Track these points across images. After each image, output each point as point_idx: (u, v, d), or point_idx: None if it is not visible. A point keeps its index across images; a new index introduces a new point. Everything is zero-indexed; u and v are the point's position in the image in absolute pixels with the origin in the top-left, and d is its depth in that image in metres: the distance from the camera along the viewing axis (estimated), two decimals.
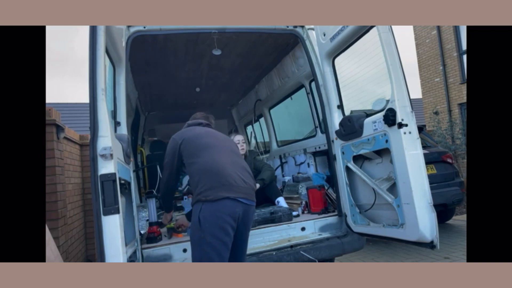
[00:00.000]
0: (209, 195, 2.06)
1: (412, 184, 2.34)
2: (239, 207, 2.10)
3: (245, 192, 2.14)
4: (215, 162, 2.17)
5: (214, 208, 2.03)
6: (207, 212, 2.04)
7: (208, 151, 2.23)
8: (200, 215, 2.06)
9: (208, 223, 2.02)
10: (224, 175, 2.11)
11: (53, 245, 2.91)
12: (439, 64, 11.36)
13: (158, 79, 4.70)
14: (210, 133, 2.45)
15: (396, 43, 2.46)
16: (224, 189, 2.07)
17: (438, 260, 4.50)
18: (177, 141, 2.37)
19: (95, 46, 1.94)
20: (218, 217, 2.02)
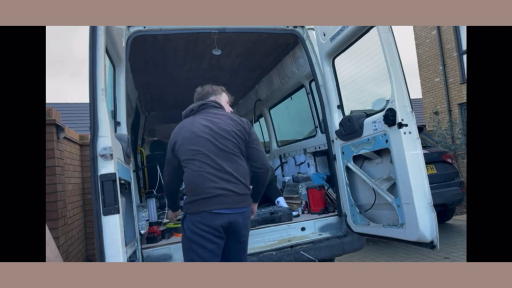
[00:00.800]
0: (189, 208, 2.11)
1: (412, 184, 2.34)
2: (219, 219, 2.07)
3: (227, 202, 2.09)
4: (197, 174, 2.12)
5: (194, 220, 2.07)
6: (189, 222, 2.09)
7: (192, 162, 2.15)
8: (184, 224, 2.13)
9: (190, 232, 2.07)
10: (204, 189, 2.08)
11: (53, 245, 2.91)
12: (439, 64, 11.36)
13: (158, 79, 4.70)
14: (200, 131, 2.20)
15: (396, 43, 2.46)
16: (203, 203, 2.06)
17: (438, 260, 4.50)
18: (171, 143, 2.30)
19: (95, 46, 1.94)
20: (199, 228, 2.05)
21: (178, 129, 2.30)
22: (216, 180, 2.08)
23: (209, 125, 2.21)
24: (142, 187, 4.61)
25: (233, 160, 2.16)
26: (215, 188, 2.07)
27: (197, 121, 2.25)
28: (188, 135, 2.20)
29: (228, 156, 2.16)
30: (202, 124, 2.22)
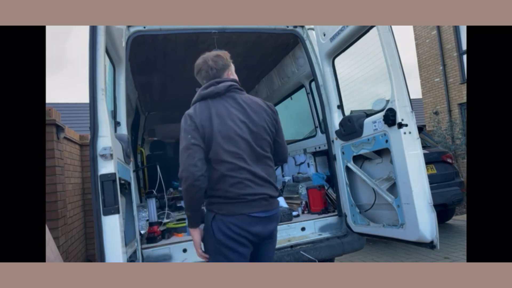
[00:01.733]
0: (222, 209, 1.85)
1: (412, 184, 2.34)
2: (258, 223, 1.89)
3: (264, 205, 1.91)
4: (233, 181, 1.86)
5: (229, 221, 1.84)
6: (221, 223, 1.85)
7: (226, 165, 1.87)
8: (214, 225, 1.86)
9: (222, 234, 1.84)
10: (240, 195, 1.85)
11: (53, 245, 2.91)
12: (439, 64, 11.36)
13: (158, 79, 4.70)
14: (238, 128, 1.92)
15: (396, 43, 2.46)
16: (240, 206, 1.85)
17: (438, 260, 4.50)
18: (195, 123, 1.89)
19: (95, 46, 1.94)
20: (233, 231, 1.83)
21: (205, 110, 1.92)
22: (252, 186, 1.88)
23: (245, 120, 1.94)
24: (142, 187, 4.61)
25: (265, 163, 1.99)
26: (252, 194, 1.88)
27: (232, 112, 1.94)
28: (224, 130, 1.88)
29: (262, 160, 1.97)
30: (239, 118, 1.93)
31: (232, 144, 1.88)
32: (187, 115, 1.93)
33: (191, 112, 1.94)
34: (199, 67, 2.06)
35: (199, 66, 2.06)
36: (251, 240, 1.89)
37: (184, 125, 1.90)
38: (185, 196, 1.83)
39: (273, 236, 2.04)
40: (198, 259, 2.70)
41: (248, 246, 1.90)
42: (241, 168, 1.87)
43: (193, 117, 1.90)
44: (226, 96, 1.98)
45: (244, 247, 1.87)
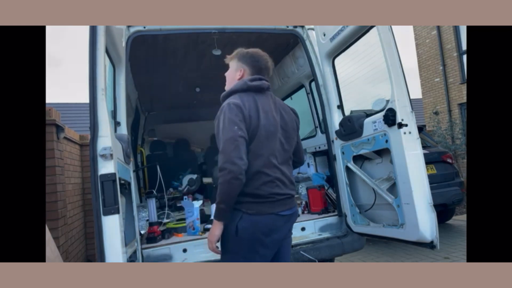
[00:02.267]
0: (251, 208, 1.80)
1: (412, 184, 2.34)
2: (286, 222, 1.89)
3: (289, 203, 1.91)
4: (265, 180, 1.83)
5: (258, 221, 1.79)
6: (248, 223, 1.79)
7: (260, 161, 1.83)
8: (240, 224, 1.79)
9: (249, 234, 1.78)
10: (269, 194, 1.82)
11: (53, 245, 2.91)
12: (439, 64, 11.36)
13: (158, 79, 4.70)
14: (277, 126, 1.92)
15: (396, 43, 2.46)
16: (269, 205, 1.82)
17: (438, 260, 4.50)
18: (243, 113, 1.82)
19: (95, 46, 1.94)
20: (262, 232, 1.80)
21: (252, 102, 1.88)
22: (281, 186, 1.88)
23: (280, 120, 1.96)
24: (142, 187, 4.61)
25: (289, 164, 2.02)
26: (281, 194, 1.88)
27: (272, 109, 1.94)
28: (267, 125, 1.87)
29: (288, 160, 2.00)
30: (276, 117, 1.94)
31: (271, 141, 1.88)
32: (232, 104, 1.83)
33: (237, 102, 1.84)
34: (260, 58, 2.02)
35: (261, 58, 2.02)
36: (276, 240, 1.86)
37: (229, 114, 1.80)
38: (226, 189, 1.72)
39: (290, 234, 2.07)
40: (198, 259, 2.72)
41: (271, 248, 1.87)
42: (274, 167, 1.87)
43: (241, 107, 1.83)
44: (266, 94, 1.99)
45: (266, 248, 1.84)
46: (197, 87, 5.22)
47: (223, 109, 1.85)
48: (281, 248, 1.97)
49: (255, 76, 1.98)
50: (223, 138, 1.78)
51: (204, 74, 4.61)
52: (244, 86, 1.94)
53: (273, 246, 1.89)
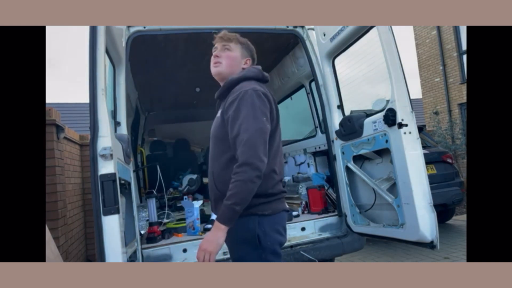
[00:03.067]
0: (266, 209, 1.65)
1: (412, 184, 2.34)
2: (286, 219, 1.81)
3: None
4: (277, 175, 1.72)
5: (274, 221, 1.67)
6: (267, 226, 1.64)
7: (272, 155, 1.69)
8: (260, 230, 1.63)
9: (270, 238, 1.64)
10: (276, 190, 1.71)
11: (53, 245, 2.91)
12: (439, 64, 11.36)
13: (158, 79, 4.70)
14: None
15: (396, 43, 2.46)
16: (278, 202, 1.71)
17: (438, 260, 4.50)
18: (268, 107, 1.65)
19: (95, 46, 1.94)
20: (279, 232, 1.69)
21: (273, 98, 1.76)
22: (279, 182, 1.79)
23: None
24: (142, 187, 4.62)
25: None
26: (284, 192, 1.80)
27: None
28: (278, 119, 1.77)
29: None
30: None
31: (279, 134, 1.78)
32: (260, 92, 1.63)
33: (263, 91, 1.66)
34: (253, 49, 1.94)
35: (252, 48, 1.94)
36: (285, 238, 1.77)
37: (257, 102, 1.60)
38: (248, 187, 1.50)
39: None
40: None
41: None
42: (282, 165, 1.80)
43: (269, 97, 1.66)
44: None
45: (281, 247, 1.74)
46: (197, 87, 5.22)
47: (248, 94, 1.61)
48: None
49: (259, 67, 1.88)
50: (249, 127, 1.54)
51: (204, 74, 4.59)
52: (260, 75, 1.81)
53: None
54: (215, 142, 1.78)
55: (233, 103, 1.63)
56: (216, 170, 1.75)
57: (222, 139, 1.71)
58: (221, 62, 1.83)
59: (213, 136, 1.80)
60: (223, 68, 1.83)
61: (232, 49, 1.85)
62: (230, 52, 1.85)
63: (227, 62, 1.83)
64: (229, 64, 1.83)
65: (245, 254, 1.67)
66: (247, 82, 1.72)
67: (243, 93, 1.62)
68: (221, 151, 1.71)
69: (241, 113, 1.58)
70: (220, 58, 1.84)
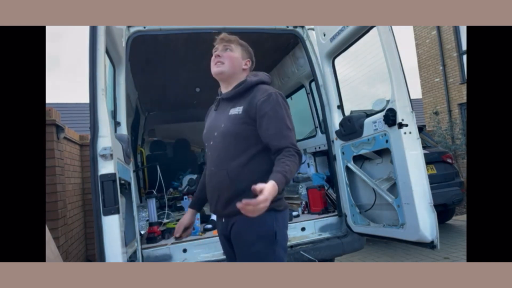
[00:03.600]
0: (281, 205, 1.76)
1: (413, 184, 2.34)
2: None
3: None
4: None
5: (286, 217, 1.81)
6: (281, 222, 1.74)
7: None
8: (275, 225, 1.71)
9: (283, 234, 1.76)
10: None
11: (53, 245, 2.91)
12: (439, 64, 11.36)
13: (158, 79, 4.70)
14: None
15: (396, 43, 2.46)
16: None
17: (438, 260, 4.50)
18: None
19: (95, 46, 1.94)
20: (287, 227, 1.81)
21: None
22: None
23: None
24: (142, 187, 4.62)
25: None
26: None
27: None
28: None
29: None
30: None
31: None
32: (281, 97, 1.81)
33: (283, 95, 1.84)
34: (252, 51, 2.02)
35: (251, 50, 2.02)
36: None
37: (284, 105, 1.79)
38: (295, 170, 1.68)
39: None
40: (198, 259, 2.72)
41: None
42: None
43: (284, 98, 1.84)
44: None
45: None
46: (197, 87, 5.22)
47: (280, 97, 1.79)
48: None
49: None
50: (290, 126, 1.75)
51: (204, 74, 4.59)
52: (269, 81, 1.94)
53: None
54: (232, 140, 1.78)
55: (267, 103, 1.74)
56: (233, 168, 1.74)
57: (244, 136, 1.76)
58: (223, 61, 1.88)
59: (229, 134, 1.79)
60: (225, 68, 1.87)
61: (233, 49, 1.90)
62: (232, 53, 1.89)
63: (229, 62, 1.87)
64: (231, 64, 1.88)
65: (261, 250, 1.70)
66: (265, 86, 1.86)
67: (275, 95, 1.78)
68: (242, 148, 1.75)
69: (279, 113, 1.73)
70: (222, 58, 1.88)
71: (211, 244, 2.77)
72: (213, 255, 2.72)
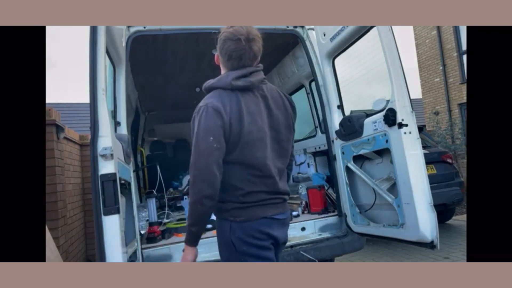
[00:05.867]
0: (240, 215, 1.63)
1: (413, 184, 2.34)
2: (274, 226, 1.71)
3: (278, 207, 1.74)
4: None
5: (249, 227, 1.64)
6: (240, 232, 1.63)
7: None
8: (233, 236, 1.63)
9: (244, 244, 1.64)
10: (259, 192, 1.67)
11: (53, 245, 2.91)
12: (439, 64, 11.36)
13: (158, 79, 4.70)
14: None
15: (396, 43, 2.46)
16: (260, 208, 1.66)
17: (438, 260, 4.50)
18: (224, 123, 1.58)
19: (95, 46, 1.94)
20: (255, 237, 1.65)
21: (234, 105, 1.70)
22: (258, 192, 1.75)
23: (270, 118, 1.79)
24: (142, 187, 4.62)
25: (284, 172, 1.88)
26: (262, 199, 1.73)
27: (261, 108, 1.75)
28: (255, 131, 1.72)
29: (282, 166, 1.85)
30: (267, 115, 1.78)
31: (261, 147, 1.66)
32: (211, 108, 1.57)
33: (216, 105, 1.58)
34: (230, 46, 1.65)
35: (229, 45, 1.65)
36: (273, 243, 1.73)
37: (204, 120, 1.56)
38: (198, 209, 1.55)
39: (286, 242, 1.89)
40: (198, 259, 2.70)
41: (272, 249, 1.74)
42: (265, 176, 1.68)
43: (221, 112, 1.57)
44: (256, 89, 1.71)
45: (270, 251, 1.72)
46: (197, 87, 5.22)
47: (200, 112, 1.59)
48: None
49: (241, 72, 1.65)
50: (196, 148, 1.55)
51: (204, 74, 4.61)
52: (226, 85, 1.65)
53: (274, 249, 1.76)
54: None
55: (192, 118, 1.64)
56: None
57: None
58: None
59: None
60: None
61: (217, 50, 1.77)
62: (216, 56, 1.82)
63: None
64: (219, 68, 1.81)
65: (227, 256, 1.72)
66: (211, 93, 1.68)
67: (197, 110, 1.62)
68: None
69: (193, 131, 1.60)
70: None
71: (211, 244, 2.76)
72: (213, 255, 2.72)
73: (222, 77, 1.70)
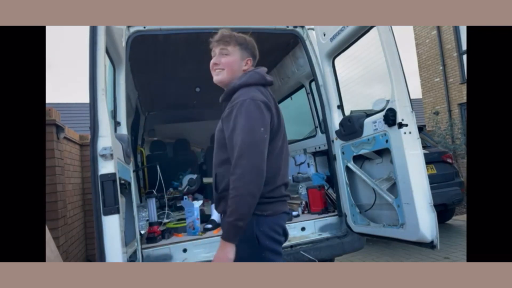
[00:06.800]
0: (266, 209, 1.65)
1: (413, 184, 2.34)
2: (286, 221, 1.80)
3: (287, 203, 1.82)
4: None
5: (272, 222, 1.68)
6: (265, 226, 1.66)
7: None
8: (257, 230, 1.64)
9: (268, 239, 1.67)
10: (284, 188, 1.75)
11: (53, 245, 2.91)
12: (439, 64, 11.36)
13: (158, 79, 4.70)
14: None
15: (396, 43, 2.46)
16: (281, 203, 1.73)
17: (438, 260, 4.50)
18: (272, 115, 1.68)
19: (95, 46, 1.94)
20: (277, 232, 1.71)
21: (272, 98, 1.81)
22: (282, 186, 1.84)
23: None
24: (142, 187, 4.61)
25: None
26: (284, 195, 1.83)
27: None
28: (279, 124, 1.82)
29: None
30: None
31: (285, 141, 1.78)
32: (260, 102, 1.61)
33: (263, 99, 1.64)
34: (253, 45, 1.86)
35: (253, 44, 1.86)
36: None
37: (254, 112, 1.58)
38: (247, 201, 1.51)
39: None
40: (198, 259, 2.72)
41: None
42: (286, 168, 1.78)
43: (269, 105, 1.64)
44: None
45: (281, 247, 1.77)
46: (197, 87, 5.22)
47: (245, 104, 1.60)
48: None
49: (264, 69, 1.84)
50: (245, 140, 1.55)
51: (204, 74, 4.59)
52: (262, 81, 1.76)
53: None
54: (216, 144, 1.81)
55: (231, 113, 1.64)
56: (216, 170, 1.80)
57: (221, 142, 1.74)
58: (222, 69, 1.82)
59: (215, 140, 1.82)
60: (224, 76, 1.81)
61: (230, 53, 1.82)
62: (229, 57, 1.81)
63: (228, 68, 1.81)
64: (230, 70, 1.81)
65: (245, 254, 1.67)
66: (246, 89, 1.71)
67: (240, 103, 1.62)
68: (221, 153, 1.76)
69: (238, 125, 1.59)
70: (220, 65, 1.83)
71: (211, 244, 2.77)
72: (213, 255, 2.72)
73: (251, 74, 1.77)
